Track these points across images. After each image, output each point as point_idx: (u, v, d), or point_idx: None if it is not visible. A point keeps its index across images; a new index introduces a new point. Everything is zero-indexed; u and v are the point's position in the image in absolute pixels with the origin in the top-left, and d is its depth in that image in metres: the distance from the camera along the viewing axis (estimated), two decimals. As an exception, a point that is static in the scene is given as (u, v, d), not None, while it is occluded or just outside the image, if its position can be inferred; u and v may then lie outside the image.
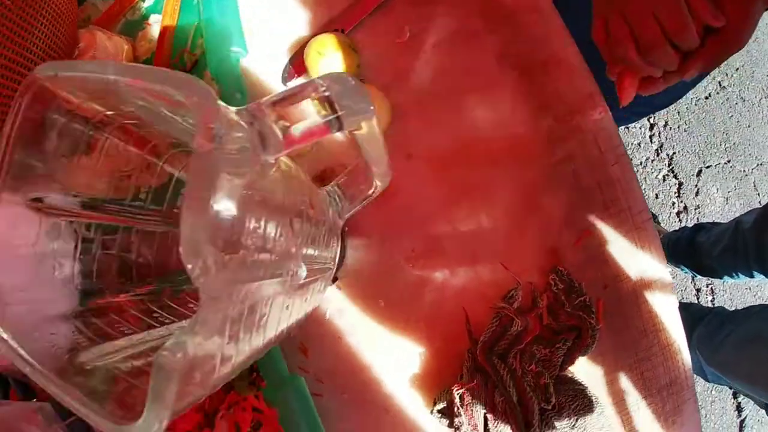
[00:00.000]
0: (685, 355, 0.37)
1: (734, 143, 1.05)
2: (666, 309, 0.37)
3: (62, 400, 0.20)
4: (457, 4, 0.38)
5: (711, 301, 0.98)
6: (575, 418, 0.35)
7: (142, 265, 0.30)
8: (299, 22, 0.40)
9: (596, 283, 0.37)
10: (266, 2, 0.41)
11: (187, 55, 0.42)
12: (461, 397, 0.34)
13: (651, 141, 0.99)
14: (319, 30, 0.39)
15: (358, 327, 0.37)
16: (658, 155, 1.02)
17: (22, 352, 0.21)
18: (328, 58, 0.35)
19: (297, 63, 0.38)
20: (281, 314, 0.23)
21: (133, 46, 0.44)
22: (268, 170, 0.18)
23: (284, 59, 0.40)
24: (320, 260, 0.26)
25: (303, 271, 0.22)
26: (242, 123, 0.17)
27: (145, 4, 0.46)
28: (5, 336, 0.22)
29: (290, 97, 0.18)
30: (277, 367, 0.34)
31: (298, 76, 0.39)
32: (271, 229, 0.19)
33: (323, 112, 0.18)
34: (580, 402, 0.35)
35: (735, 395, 0.97)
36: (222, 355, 0.18)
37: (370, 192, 0.27)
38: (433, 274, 0.36)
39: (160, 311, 0.29)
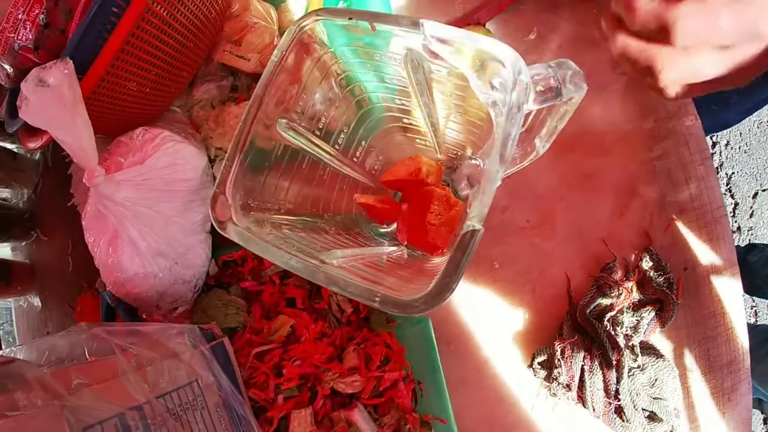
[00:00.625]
0: (744, 339, 0.44)
1: (791, 169, 1.12)
2: (732, 295, 0.44)
3: (340, 285, 0.23)
4: (579, 14, 0.44)
5: (754, 322, 1.05)
6: (654, 378, 0.40)
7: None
8: (437, 12, 0.45)
9: (678, 265, 0.43)
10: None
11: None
12: (562, 350, 0.39)
13: (712, 159, 1.07)
14: (455, 22, 0.44)
15: (472, 284, 0.42)
16: (717, 173, 1.10)
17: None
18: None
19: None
20: None
21: (278, 15, 0.48)
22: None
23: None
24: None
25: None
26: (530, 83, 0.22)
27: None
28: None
29: (537, 75, 0.23)
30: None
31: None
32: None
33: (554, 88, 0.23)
34: (659, 364, 0.41)
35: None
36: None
37: (528, 160, 0.32)
38: (542, 243, 0.42)
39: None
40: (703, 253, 0.47)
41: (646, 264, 0.44)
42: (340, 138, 0.33)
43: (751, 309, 1.10)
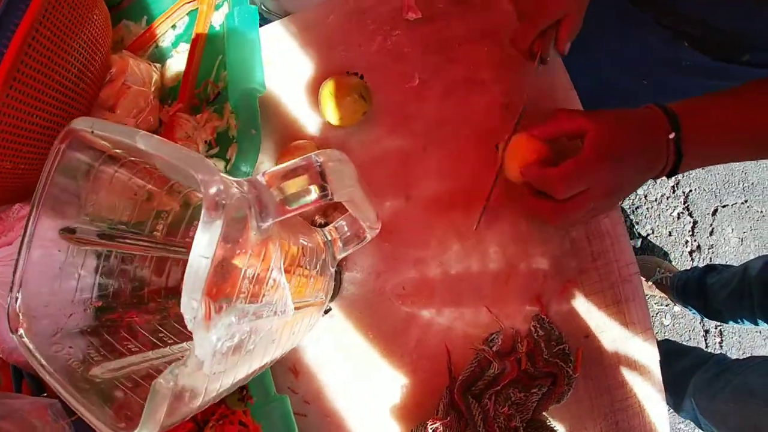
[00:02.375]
0: (663, 410, 0.38)
1: (752, 183, 1.03)
2: (647, 362, 0.39)
3: (71, 405, 0.23)
4: (466, 54, 0.40)
5: (719, 342, 0.97)
6: (545, 461, 0.36)
7: (154, 286, 0.33)
8: (317, 60, 0.43)
9: (578, 332, 0.38)
10: (286, 42, 0.44)
11: (210, 86, 0.45)
12: None
13: (667, 178, 0.99)
14: (337, 69, 0.42)
15: (347, 355, 0.39)
16: (674, 192, 1.02)
17: (43, 361, 0.24)
18: (338, 102, 0.37)
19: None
20: (267, 348, 0.26)
21: (161, 74, 0.47)
22: (266, 231, 0.21)
23: (301, 96, 0.43)
24: (310, 297, 0.29)
25: (291, 309, 0.25)
26: (244, 194, 0.19)
27: (176, 32, 0.50)
28: (30, 346, 0.26)
29: (288, 173, 0.20)
30: (266, 385, 0.36)
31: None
32: (267, 275, 0.22)
33: (315, 188, 0.20)
34: (550, 446, 0.36)
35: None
36: (208, 385, 0.21)
37: (362, 240, 0.29)
38: (420, 312, 0.38)
39: (165, 331, 0.33)
40: (611, 317, 0.41)
41: (537, 334, 0.40)
42: (159, 226, 0.32)
43: (716, 329, 0.99)
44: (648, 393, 0.39)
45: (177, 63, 0.48)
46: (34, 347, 0.26)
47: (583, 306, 0.39)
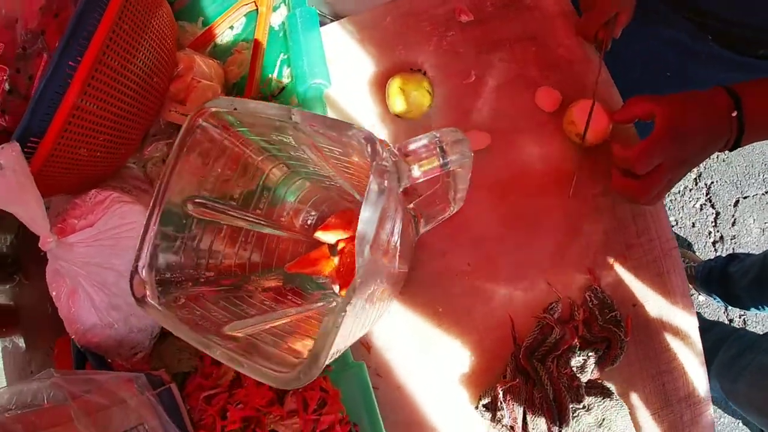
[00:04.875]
0: (703, 372, 0.44)
1: (774, 175, 1.11)
2: (687, 326, 0.45)
3: (228, 358, 0.27)
4: (516, 53, 0.47)
5: (742, 326, 1.05)
6: (602, 417, 0.42)
7: (240, 260, 0.38)
8: (378, 59, 0.49)
9: (626, 301, 0.44)
10: (345, 41, 0.50)
11: (275, 81, 0.50)
12: (505, 393, 0.42)
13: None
14: (397, 66, 0.47)
15: (416, 329, 0.45)
16: (696, 184, 1.12)
17: (178, 322, 0.29)
18: (407, 95, 0.43)
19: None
20: (372, 310, 0.31)
21: (224, 70, 0.52)
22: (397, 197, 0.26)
23: (363, 91, 0.48)
24: (403, 266, 0.34)
25: (399, 270, 0.30)
26: (396, 161, 0.25)
27: (234, 32, 0.55)
28: (161, 309, 0.30)
29: (420, 148, 0.26)
30: (344, 354, 0.42)
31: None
32: (394, 237, 0.27)
33: (437, 159, 0.26)
34: (607, 404, 0.42)
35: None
36: (353, 329, 0.26)
37: (446, 214, 0.35)
38: (485, 285, 0.44)
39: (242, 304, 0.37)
40: (654, 287, 0.48)
41: (591, 303, 0.46)
42: (261, 203, 0.37)
43: (740, 318, 1.08)
44: (689, 357, 0.46)
45: (237, 61, 0.53)
46: (164, 311, 0.30)
47: (630, 277, 0.45)
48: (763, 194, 1.13)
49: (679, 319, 0.47)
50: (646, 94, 0.43)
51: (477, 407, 0.44)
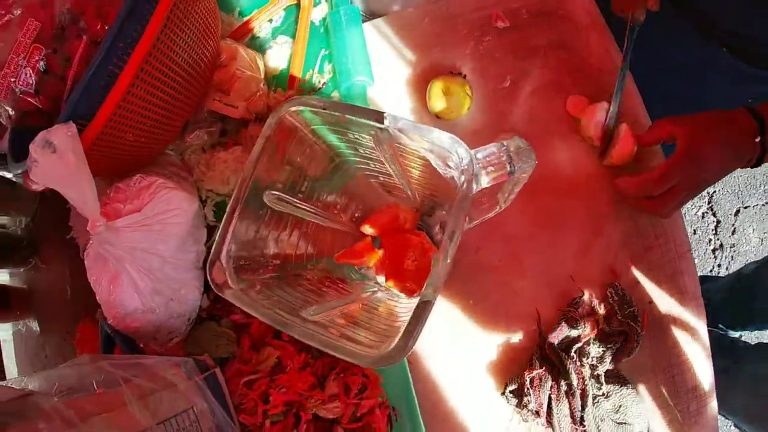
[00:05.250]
0: (709, 366, 0.48)
1: (774, 186, 1.19)
2: (696, 326, 0.49)
3: (315, 340, 0.29)
4: (550, 61, 0.49)
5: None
6: (619, 404, 0.45)
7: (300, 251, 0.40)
8: (416, 59, 0.51)
9: (643, 298, 0.48)
10: (383, 40, 0.52)
11: (316, 76, 0.52)
12: (532, 381, 0.44)
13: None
14: (433, 67, 0.49)
15: (448, 320, 0.48)
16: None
17: (263, 304, 0.31)
18: (448, 97, 0.45)
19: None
20: None
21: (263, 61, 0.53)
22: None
23: (401, 90, 0.50)
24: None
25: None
26: (477, 165, 0.27)
27: (273, 25, 0.56)
28: (240, 295, 0.31)
29: (489, 156, 0.28)
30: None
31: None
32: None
33: (505, 167, 0.28)
34: (623, 392, 0.46)
35: None
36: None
37: (490, 213, 0.37)
38: (514, 280, 0.47)
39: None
40: (668, 286, 0.52)
41: (612, 298, 0.49)
42: (322, 195, 0.39)
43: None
44: (697, 353, 0.50)
45: (276, 54, 0.55)
46: (244, 296, 0.32)
47: (647, 276, 0.49)
48: (763, 205, 1.19)
49: (690, 317, 0.51)
50: (670, 116, 0.46)
51: (504, 393, 0.47)
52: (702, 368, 0.51)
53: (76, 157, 0.38)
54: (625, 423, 0.47)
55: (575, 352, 0.47)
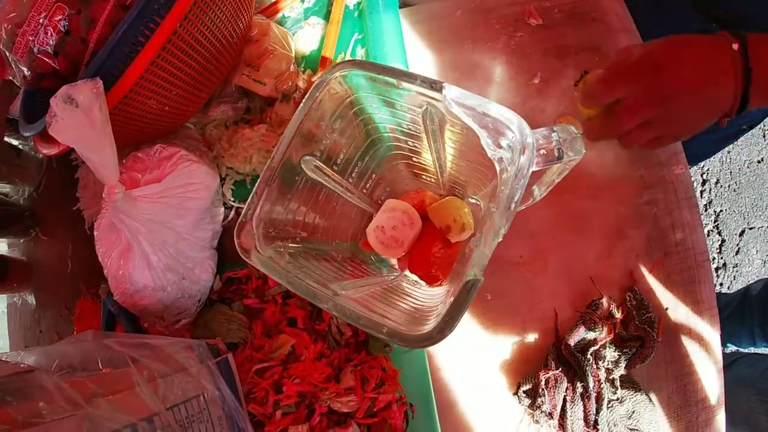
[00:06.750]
0: (719, 378, 0.48)
1: (779, 209, 1.22)
2: (709, 336, 0.49)
3: (351, 315, 0.27)
4: (580, 61, 0.49)
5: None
6: (632, 410, 0.45)
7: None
8: (447, 50, 0.51)
9: (660, 305, 0.48)
10: (414, 29, 0.51)
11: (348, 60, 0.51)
12: (547, 381, 0.44)
13: (701, 196, 1.17)
14: (464, 60, 0.49)
15: (465, 314, 0.46)
16: (706, 210, 1.19)
17: (297, 275, 0.29)
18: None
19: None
20: None
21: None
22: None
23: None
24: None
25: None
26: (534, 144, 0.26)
27: (305, 5, 0.55)
28: (270, 263, 0.30)
29: (541, 137, 0.27)
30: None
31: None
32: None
33: (556, 152, 0.27)
34: (637, 398, 0.45)
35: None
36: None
37: (524, 205, 0.37)
38: (534, 278, 0.47)
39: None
40: (685, 295, 0.51)
41: (630, 303, 0.49)
42: (354, 171, 0.37)
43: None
44: (708, 364, 0.50)
45: (307, 34, 0.54)
46: (272, 263, 0.30)
47: (665, 283, 0.49)
48: (767, 227, 1.20)
49: (704, 327, 0.50)
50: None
51: (516, 393, 0.46)
52: (712, 380, 0.50)
53: (102, 115, 0.36)
54: (637, 430, 0.46)
55: (591, 354, 0.46)
